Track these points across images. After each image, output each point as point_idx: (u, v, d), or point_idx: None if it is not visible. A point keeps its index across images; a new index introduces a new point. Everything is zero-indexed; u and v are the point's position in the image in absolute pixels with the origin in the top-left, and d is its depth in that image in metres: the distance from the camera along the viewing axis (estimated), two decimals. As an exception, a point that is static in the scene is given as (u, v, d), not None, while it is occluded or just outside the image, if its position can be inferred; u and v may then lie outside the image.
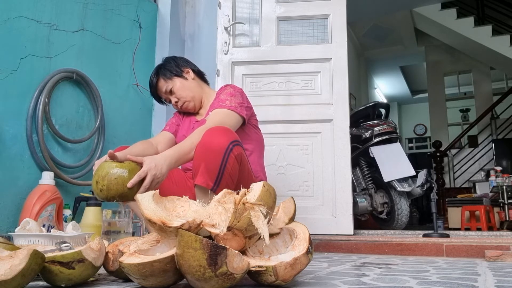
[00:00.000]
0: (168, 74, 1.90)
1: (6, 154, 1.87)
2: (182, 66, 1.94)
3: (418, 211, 6.06)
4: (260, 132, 1.91)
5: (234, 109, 1.70)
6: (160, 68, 1.93)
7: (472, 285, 1.03)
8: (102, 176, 1.27)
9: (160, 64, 1.97)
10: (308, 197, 2.51)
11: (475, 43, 6.66)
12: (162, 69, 1.92)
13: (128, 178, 1.27)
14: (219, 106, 1.70)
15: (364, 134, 3.63)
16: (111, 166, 1.29)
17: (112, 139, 2.46)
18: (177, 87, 1.89)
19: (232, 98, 1.73)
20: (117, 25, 2.56)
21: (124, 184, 1.26)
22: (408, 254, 2.06)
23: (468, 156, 7.48)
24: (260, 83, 2.69)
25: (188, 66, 1.96)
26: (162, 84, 1.91)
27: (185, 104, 1.90)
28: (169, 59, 1.98)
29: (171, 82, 1.89)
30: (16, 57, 1.95)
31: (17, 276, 0.84)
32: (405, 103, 11.25)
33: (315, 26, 2.71)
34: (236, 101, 1.73)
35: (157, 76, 1.92)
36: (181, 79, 1.90)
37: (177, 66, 1.92)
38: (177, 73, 1.91)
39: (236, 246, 0.96)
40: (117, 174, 1.27)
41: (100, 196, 1.28)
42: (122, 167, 1.29)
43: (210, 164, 1.43)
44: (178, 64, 1.94)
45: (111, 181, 1.26)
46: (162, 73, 1.91)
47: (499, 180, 4.48)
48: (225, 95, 1.75)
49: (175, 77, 1.89)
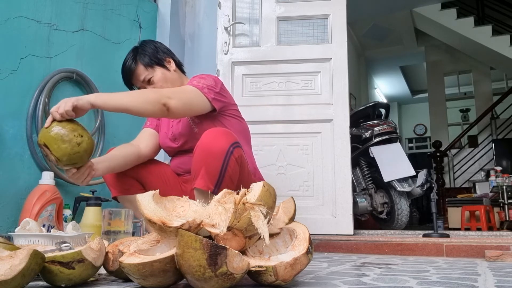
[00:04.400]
0: (148, 60, 1.70)
1: (6, 154, 1.87)
2: (164, 54, 1.75)
3: (418, 211, 6.06)
4: (244, 120, 1.80)
5: (200, 89, 1.57)
6: (138, 52, 1.72)
7: (472, 285, 1.03)
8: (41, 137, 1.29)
9: (137, 47, 1.75)
10: (308, 197, 2.51)
11: (475, 43, 6.66)
12: (142, 54, 1.71)
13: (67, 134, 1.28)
14: (187, 84, 1.62)
15: (364, 134, 3.63)
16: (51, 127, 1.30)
17: (112, 139, 2.46)
18: (158, 78, 1.70)
19: (202, 80, 1.62)
20: (117, 25, 2.56)
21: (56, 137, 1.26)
22: (408, 254, 2.06)
23: (468, 156, 7.47)
24: (260, 83, 2.69)
25: (170, 55, 1.78)
26: (141, 71, 1.70)
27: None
28: (148, 42, 1.77)
29: (151, 71, 1.70)
30: (16, 57, 1.95)
31: (17, 276, 0.84)
32: (405, 103, 11.25)
33: (315, 26, 2.71)
34: (205, 83, 1.61)
35: (135, 61, 1.70)
36: (163, 69, 1.72)
37: (158, 53, 1.73)
38: (159, 62, 1.72)
39: (236, 246, 0.96)
40: (55, 132, 1.28)
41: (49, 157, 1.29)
42: (60, 125, 1.29)
43: (210, 167, 1.42)
44: (159, 50, 1.74)
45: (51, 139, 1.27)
46: (141, 59, 1.70)
47: (499, 180, 4.48)
48: (196, 78, 1.65)
49: (156, 66, 1.71)
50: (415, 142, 11.07)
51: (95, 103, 1.36)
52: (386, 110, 3.88)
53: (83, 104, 1.33)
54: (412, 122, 10.97)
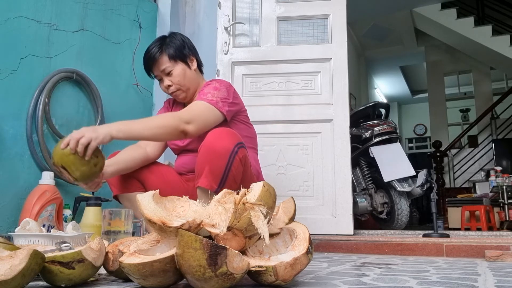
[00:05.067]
0: (173, 52, 1.70)
1: (6, 154, 1.87)
2: (189, 51, 1.76)
3: (418, 211, 6.06)
4: (252, 126, 1.83)
5: (214, 104, 1.59)
6: (166, 42, 1.73)
7: (472, 285, 1.03)
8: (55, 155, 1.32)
9: (165, 36, 1.77)
10: (308, 197, 2.51)
11: (475, 43, 6.66)
12: (169, 45, 1.72)
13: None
14: (200, 99, 1.61)
15: (364, 134, 3.63)
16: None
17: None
18: (178, 73, 1.71)
19: (216, 92, 1.63)
20: (117, 25, 2.56)
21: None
22: (408, 254, 2.06)
23: (468, 156, 7.48)
24: (260, 83, 2.69)
25: (194, 53, 1.80)
26: (164, 61, 1.71)
27: (178, 92, 1.75)
28: (177, 35, 1.77)
29: (173, 64, 1.71)
30: (16, 57, 1.95)
31: (17, 276, 0.84)
32: (405, 103, 11.25)
33: (315, 26, 2.71)
34: (219, 95, 1.63)
35: (161, 50, 1.71)
36: (184, 65, 1.73)
37: (184, 49, 1.74)
38: (183, 57, 1.73)
39: (236, 246, 0.96)
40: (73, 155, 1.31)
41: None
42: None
43: (214, 166, 1.42)
44: (185, 46, 1.75)
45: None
46: (167, 49, 1.71)
47: (499, 180, 4.48)
48: (209, 88, 1.65)
49: (179, 61, 1.72)
50: (415, 142, 11.07)
51: (116, 137, 1.42)
52: (386, 110, 3.88)
53: (106, 141, 1.38)
54: (412, 122, 10.97)
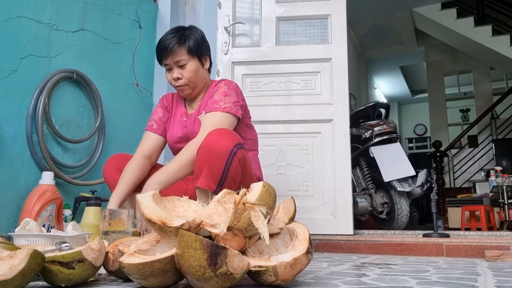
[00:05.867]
0: (192, 47, 1.67)
1: (6, 154, 1.87)
2: (206, 49, 1.74)
3: (418, 211, 6.06)
4: (254, 128, 1.85)
5: (229, 110, 1.62)
6: (186, 34, 1.69)
7: (472, 285, 1.03)
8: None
9: (185, 28, 1.73)
10: (308, 197, 2.51)
11: (475, 43, 6.66)
12: (189, 38, 1.68)
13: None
14: (214, 109, 1.62)
15: (364, 134, 3.63)
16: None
17: (112, 139, 2.46)
18: (191, 68, 1.67)
19: (227, 98, 1.64)
20: (117, 25, 2.56)
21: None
22: (408, 254, 2.06)
23: (468, 156, 7.48)
24: (260, 83, 2.69)
25: (209, 53, 1.78)
26: (181, 52, 1.66)
27: (185, 87, 1.71)
28: (198, 30, 1.74)
29: (189, 59, 1.67)
30: (16, 57, 1.95)
31: (17, 276, 0.84)
32: (405, 103, 11.25)
33: (315, 26, 2.71)
34: (230, 100, 1.64)
35: (181, 41, 1.66)
36: (199, 62, 1.70)
37: (202, 46, 1.72)
38: (199, 54, 1.70)
39: (236, 246, 0.96)
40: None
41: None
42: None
43: (213, 167, 1.42)
44: (204, 44, 1.73)
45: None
46: (187, 42, 1.66)
47: (499, 180, 4.48)
48: (219, 95, 1.66)
49: (196, 57, 1.68)
50: (415, 142, 11.07)
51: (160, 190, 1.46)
52: (386, 110, 3.88)
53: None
54: (412, 122, 10.97)
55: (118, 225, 1.30)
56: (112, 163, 1.72)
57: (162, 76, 2.84)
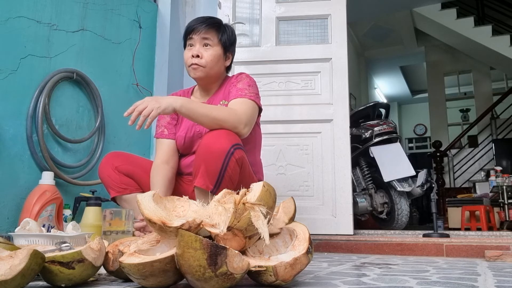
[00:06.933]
0: (224, 36, 1.72)
1: (6, 154, 1.87)
2: (232, 47, 1.79)
3: (418, 211, 6.06)
4: (259, 127, 1.85)
5: (254, 99, 1.65)
6: (223, 25, 1.76)
7: (472, 285, 1.03)
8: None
9: (225, 22, 1.82)
10: (308, 197, 2.51)
11: (475, 43, 6.66)
12: (225, 30, 1.74)
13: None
14: (240, 96, 1.63)
15: (364, 134, 3.63)
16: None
17: (112, 139, 2.46)
18: (214, 53, 1.69)
19: (250, 88, 1.67)
20: (117, 25, 2.56)
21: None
22: (408, 254, 2.06)
23: (468, 156, 7.47)
24: (260, 83, 2.68)
25: (233, 53, 1.82)
26: (213, 34, 1.70)
27: (199, 68, 1.69)
28: (234, 32, 1.81)
29: (217, 44, 1.71)
30: (16, 57, 1.95)
31: (17, 276, 0.84)
32: (405, 103, 11.25)
33: (315, 26, 2.71)
34: (254, 91, 1.68)
35: (217, 26, 1.72)
36: (222, 54, 1.73)
37: (232, 45, 1.79)
38: (226, 47, 1.74)
39: (236, 246, 0.96)
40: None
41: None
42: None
43: (210, 166, 1.42)
44: (233, 41, 1.79)
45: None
46: (221, 30, 1.72)
47: (499, 180, 4.48)
48: (243, 84, 1.68)
49: (223, 47, 1.72)
50: (415, 142, 11.07)
51: (179, 111, 1.48)
52: (386, 110, 3.88)
53: (168, 112, 1.46)
54: (412, 122, 10.97)
55: (118, 225, 1.30)
56: (109, 161, 1.70)
57: (162, 76, 2.85)
